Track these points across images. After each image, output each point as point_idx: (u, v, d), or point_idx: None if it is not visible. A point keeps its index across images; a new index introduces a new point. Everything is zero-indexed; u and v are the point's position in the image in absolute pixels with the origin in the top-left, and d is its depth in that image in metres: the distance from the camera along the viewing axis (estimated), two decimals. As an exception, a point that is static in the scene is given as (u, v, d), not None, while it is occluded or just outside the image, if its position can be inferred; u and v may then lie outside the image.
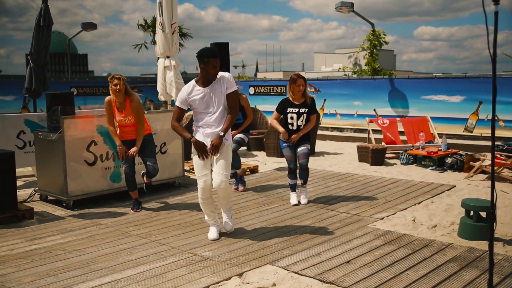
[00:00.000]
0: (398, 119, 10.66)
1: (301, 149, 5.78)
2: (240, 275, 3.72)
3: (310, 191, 6.58)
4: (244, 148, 11.05)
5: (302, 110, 5.70)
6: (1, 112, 12.15)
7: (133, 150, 5.51)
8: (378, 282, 3.52)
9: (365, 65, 15.80)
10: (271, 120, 5.94)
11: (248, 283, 3.58)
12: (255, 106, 12.64)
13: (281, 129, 5.75)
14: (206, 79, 4.39)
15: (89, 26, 19.22)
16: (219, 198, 4.67)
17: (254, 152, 10.59)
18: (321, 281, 3.57)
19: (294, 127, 5.73)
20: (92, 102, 15.79)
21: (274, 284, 3.54)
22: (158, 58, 7.87)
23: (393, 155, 9.57)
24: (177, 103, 4.51)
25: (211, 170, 4.52)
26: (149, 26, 19.71)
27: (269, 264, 3.93)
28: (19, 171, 7.03)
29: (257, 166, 8.34)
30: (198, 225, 5.06)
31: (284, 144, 5.81)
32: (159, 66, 7.85)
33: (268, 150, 10.10)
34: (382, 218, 5.25)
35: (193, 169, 7.99)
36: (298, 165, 5.85)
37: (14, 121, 7.14)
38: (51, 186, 5.99)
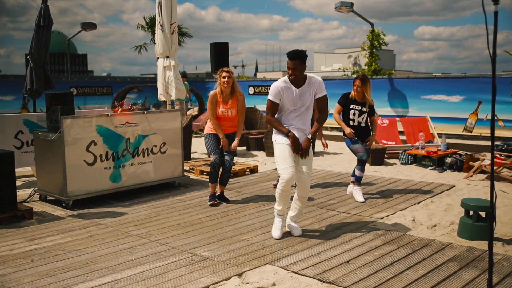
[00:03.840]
0: (397, 119, 10.67)
1: (367, 146, 6.11)
2: (239, 275, 3.73)
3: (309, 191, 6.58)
4: (244, 147, 11.05)
5: (364, 109, 6.03)
6: (0, 112, 12.14)
7: (235, 144, 5.81)
8: (377, 282, 3.52)
9: (365, 65, 15.79)
10: (335, 114, 6.10)
11: (248, 283, 3.58)
12: (254, 106, 12.64)
13: (347, 129, 5.95)
14: (292, 78, 4.47)
15: (88, 26, 19.19)
16: (300, 199, 4.63)
17: (254, 152, 10.60)
18: (321, 281, 3.57)
19: (355, 123, 6.04)
20: (91, 102, 15.77)
21: (274, 284, 3.54)
22: (158, 58, 7.87)
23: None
24: (270, 97, 4.55)
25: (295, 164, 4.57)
26: (149, 26, 19.70)
27: (269, 264, 3.93)
28: (18, 171, 7.03)
29: (257, 166, 8.34)
30: (198, 225, 5.06)
31: (350, 140, 6.04)
32: (158, 66, 7.85)
33: (268, 150, 10.10)
34: (382, 218, 5.25)
35: (192, 169, 8.01)
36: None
37: (13, 121, 7.13)
38: (50, 186, 5.99)
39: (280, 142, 4.51)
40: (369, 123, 6.13)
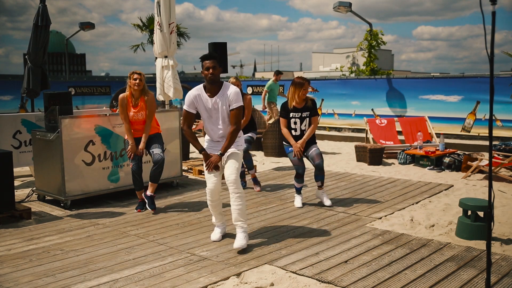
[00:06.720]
0: (396, 119, 10.68)
1: (313, 150, 5.68)
2: (238, 275, 3.72)
3: (308, 190, 6.59)
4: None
5: (304, 114, 5.60)
6: (-2, 112, 12.11)
7: (141, 147, 5.58)
8: (376, 281, 3.52)
9: (363, 65, 15.81)
10: (283, 129, 5.65)
11: (246, 283, 3.58)
12: (253, 106, 12.63)
13: (293, 142, 5.56)
14: (209, 85, 4.29)
15: (87, 25, 19.20)
16: (231, 205, 4.45)
17: (252, 152, 10.59)
18: (319, 280, 3.57)
19: (298, 132, 5.62)
20: (90, 102, 15.76)
21: (272, 284, 3.54)
22: (156, 58, 7.87)
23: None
24: (184, 106, 4.41)
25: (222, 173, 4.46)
26: (146, 26, 19.68)
27: (267, 264, 3.93)
28: (16, 171, 7.02)
29: (255, 166, 8.33)
30: (196, 225, 5.06)
31: (290, 149, 5.64)
32: (157, 66, 7.85)
33: (266, 150, 10.11)
34: (380, 218, 5.25)
35: (191, 169, 8.01)
36: (314, 166, 5.70)
37: (11, 120, 7.12)
38: (48, 186, 5.98)
39: None
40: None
